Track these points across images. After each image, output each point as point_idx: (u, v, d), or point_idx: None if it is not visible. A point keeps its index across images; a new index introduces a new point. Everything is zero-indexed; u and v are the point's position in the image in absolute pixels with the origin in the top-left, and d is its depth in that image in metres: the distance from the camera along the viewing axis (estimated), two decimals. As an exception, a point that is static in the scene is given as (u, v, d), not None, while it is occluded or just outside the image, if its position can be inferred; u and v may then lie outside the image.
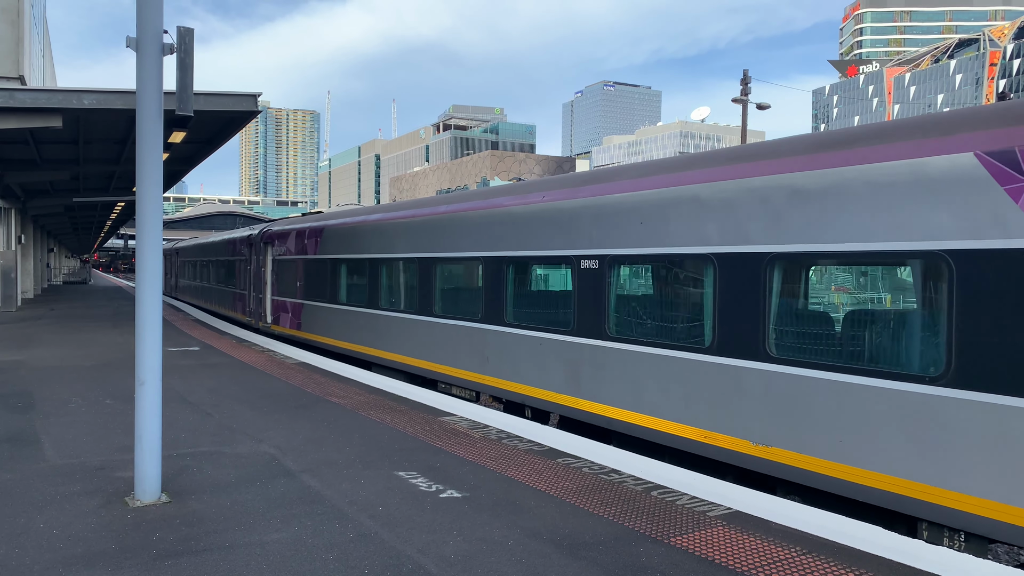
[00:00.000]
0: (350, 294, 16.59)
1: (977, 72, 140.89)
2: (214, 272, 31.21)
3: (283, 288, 20.68)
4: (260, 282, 22.82)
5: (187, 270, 40.35)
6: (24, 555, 5.21)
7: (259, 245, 22.95)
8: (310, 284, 18.58)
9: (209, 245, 33.07)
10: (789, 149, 7.56)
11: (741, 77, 35.50)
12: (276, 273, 21.26)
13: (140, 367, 6.36)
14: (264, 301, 22.39)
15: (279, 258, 20.99)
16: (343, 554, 5.28)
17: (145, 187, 6.30)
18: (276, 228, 21.86)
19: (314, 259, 18.38)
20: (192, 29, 6.43)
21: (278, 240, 21.19)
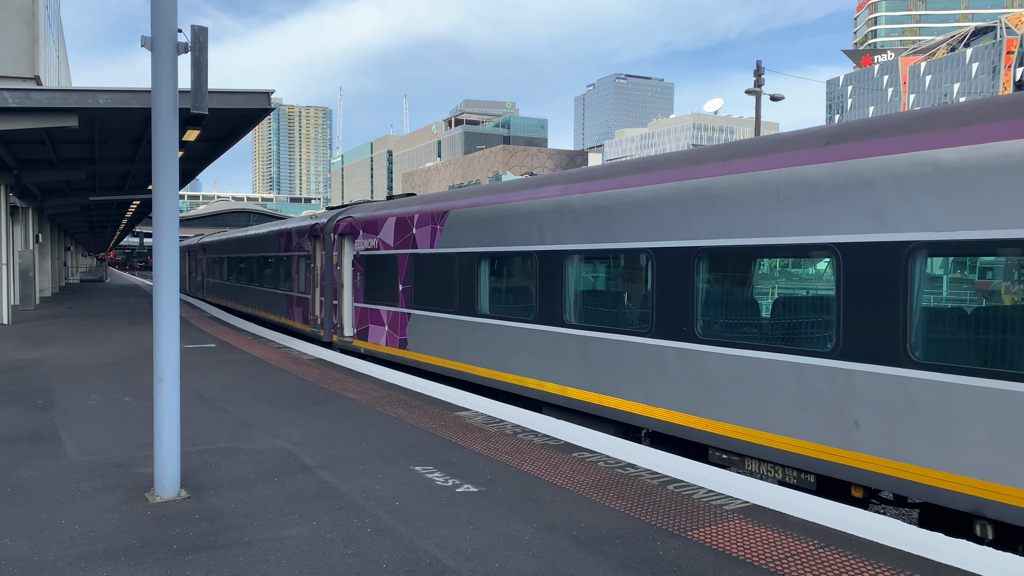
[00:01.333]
0: (508, 302, 11.52)
1: (994, 60, 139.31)
2: (256, 271, 26.31)
3: (374, 292, 15.86)
4: (332, 284, 18.15)
5: (217, 268, 34.87)
6: (47, 550, 5.27)
7: (329, 237, 18.26)
8: (426, 288, 13.75)
9: (249, 239, 27.95)
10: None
11: (754, 69, 35.28)
12: (363, 273, 16.45)
13: (158, 364, 6.41)
14: (341, 309, 17.66)
15: (367, 253, 16.25)
16: (361, 549, 5.32)
17: (161, 185, 6.35)
18: (359, 215, 17.00)
19: (433, 255, 13.47)
20: (206, 28, 6.46)
21: (365, 230, 16.46)
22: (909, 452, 6.39)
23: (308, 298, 20.26)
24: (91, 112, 16.79)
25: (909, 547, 5.30)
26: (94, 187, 33.74)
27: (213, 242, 36.26)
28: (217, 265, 34.81)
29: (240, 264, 29.31)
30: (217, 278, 34.88)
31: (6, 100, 15.42)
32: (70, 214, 46.07)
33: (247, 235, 28.68)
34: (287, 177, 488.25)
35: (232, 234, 32.34)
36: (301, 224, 21.33)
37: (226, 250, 32.50)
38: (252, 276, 27.19)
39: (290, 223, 23.04)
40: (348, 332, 17.66)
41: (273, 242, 24.20)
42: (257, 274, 26.40)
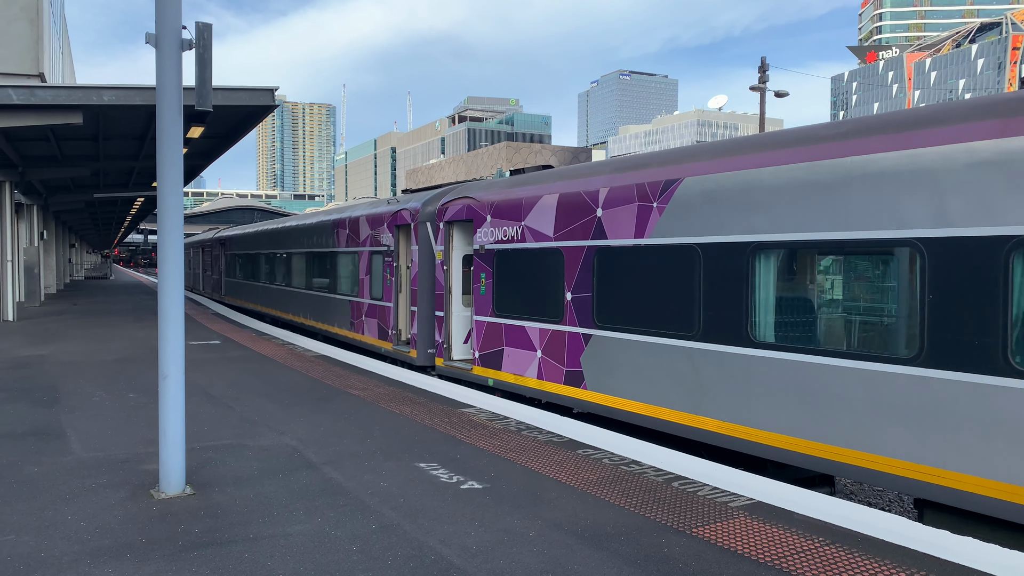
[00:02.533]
0: (832, 326, 7.47)
1: (999, 56, 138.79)
2: (300, 270, 22.10)
3: (515, 302, 11.52)
4: (432, 289, 14.36)
5: (242, 266, 30.47)
6: (53, 547, 5.28)
7: (424, 228, 14.44)
8: (625, 298, 9.42)
9: (289, 232, 23.50)
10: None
11: (758, 65, 35.21)
12: (492, 274, 12.03)
13: (163, 361, 6.42)
14: (447, 322, 13.49)
15: (502, 247, 11.76)
16: (366, 545, 5.32)
17: (165, 182, 6.35)
18: (484, 194, 12.46)
19: (644, 248, 9.17)
20: (210, 24, 6.45)
21: (497, 215, 11.96)
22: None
23: (387, 307, 15.79)
24: (95, 109, 16.81)
25: (915, 544, 5.28)
26: (98, 184, 33.81)
27: (236, 236, 31.65)
28: (242, 262, 30.45)
29: (276, 261, 24.98)
30: (242, 277, 30.61)
31: (11, 97, 15.44)
32: (75, 211, 46.16)
33: (286, 227, 24.13)
34: (291, 174, 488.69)
35: (264, 226, 27.36)
36: (375, 211, 16.92)
37: (255, 245, 28.11)
38: (293, 276, 22.93)
39: (354, 210, 18.49)
40: (461, 354, 13.55)
41: (327, 235, 19.86)
42: (301, 274, 22.06)
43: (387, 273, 15.94)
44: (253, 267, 28.53)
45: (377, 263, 16.61)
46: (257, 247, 27.89)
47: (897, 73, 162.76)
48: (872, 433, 6.77)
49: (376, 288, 16.63)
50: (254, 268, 28.29)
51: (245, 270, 29.96)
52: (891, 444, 6.63)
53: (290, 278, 23.31)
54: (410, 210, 14.98)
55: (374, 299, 16.71)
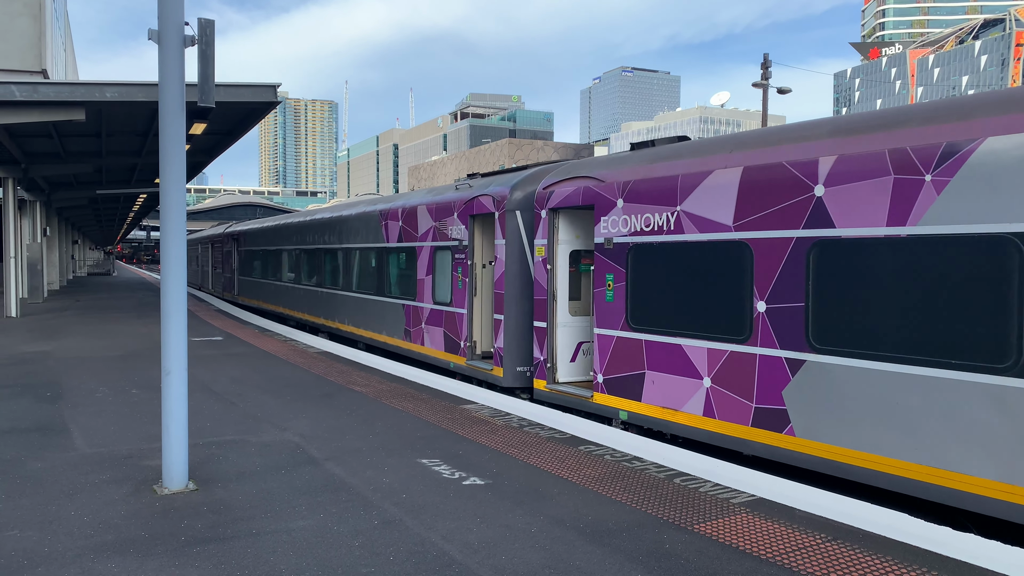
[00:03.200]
0: None
1: (1003, 53, 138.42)
2: (334, 269, 19.55)
3: (665, 312, 8.87)
4: (526, 293, 11.77)
5: (261, 263, 27.68)
6: (56, 542, 5.30)
7: (513, 217, 11.83)
8: (872, 313, 6.84)
9: (321, 225, 20.83)
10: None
11: (760, 62, 35.15)
12: (626, 276, 9.40)
13: (166, 357, 6.43)
14: (551, 336, 10.73)
15: (643, 240, 9.16)
16: (368, 541, 5.33)
17: (168, 178, 6.36)
18: (607, 173, 9.86)
19: (920, 239, 6.53)
20: (213, 21, 6.45)
21: (632, 199, 9.35)
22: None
23: (457, 314, 13.31)
24: (98, 105, 16.82)
25: (917, 541, 5.29)
26: (101, 180, 33.83)
27: (254, 231, 28.97)
28: (260, 259, 27.72)
29: (303, 259, 22.27)
30: (260, 276, 27.90)
31: (13, 94, 15.46)
32: (77, 207, 46.22)
33: (317, 220, 21.36)
34: (293, 171, 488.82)
35: (288, 220, 24.63)
36: (439, 199, 14.22)
37: (277, 240, 25.32)
38: (325, 276, 20.21)
39: (409, 198, 15.89)
40: (568, 376, 10.89)
41: (371, 228, 17.19)
42: (336, 273, 19.30)
43: (457, 273, 13.32)
44: (274, 265, 25.80)
45: (443, 261, 13.98)
46: (279, 243, 25.15)
47: (900, 70, 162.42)
48: None
49: (441, 290, 14.03)
50: (275, 266, 25.65)
51: (264, 268, 27.24)
52: None
53: (321, 278, 20.59)
54: (493, 196, 12.28)
55: (439, 304, 14.08)
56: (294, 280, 23.33)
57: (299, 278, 22.82)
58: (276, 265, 25.55)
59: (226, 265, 34.76)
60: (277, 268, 25.37)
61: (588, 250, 11.19)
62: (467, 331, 13.03)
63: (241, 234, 31.30)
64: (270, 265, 26.42)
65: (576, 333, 11.01)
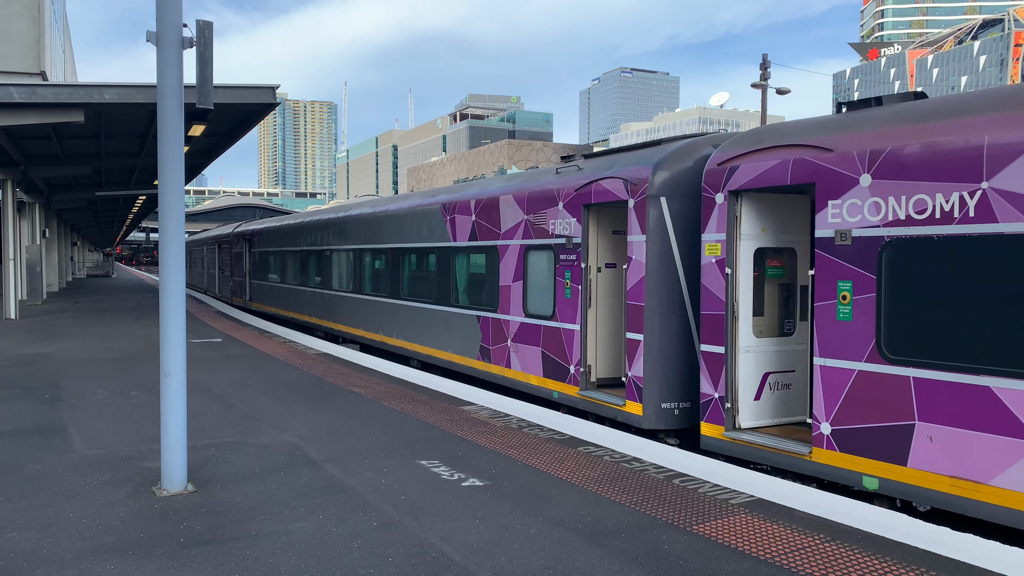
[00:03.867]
0: None
1: (1002, 53, 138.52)
2: (380, 273, 16.59)
3: (941, 337, 6.29)
4: (665, 304, 9.34)
5: (279, 267, 25.01)
6: (55, 544, 5.30)
7: (662, 204, 9.34)
8: None
9: (361, 222, 17.80)
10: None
11: (759, 62, 35.16)
12: (892, 286, 6.64)
13: (165, 359, 6.44)
14: (731, 366, 8.29)
15: (915, 233, 6.47)
16: (367, 542, 5.33)
17: (167, 180, 6.36)
18: (838, 139, 7.13)
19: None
20: (211, 22, 6.46)
21: (887, 175, 6.70)
22: None
23: (564, 330, 10.74)
24: (97, 107, 16.82)
25: (916, 541, 5.29)
26: (100, 182, 33.84)
27: (271, 230, 26.16)
28: (281, 261, 24.76)
29: (337, 261, 19.44)
30: (279, 280, 25.10)
31: (12, 95, 15.46)
32: (76, 209, 46.21)
33: (356, 216, 18.30)
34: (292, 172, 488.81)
35: (316, 217, 21.62)
36: (535, 185, 11.50)
37: (303, 239, 22.41)
38: (368, 280, 17.28)
39: (488, 187, 13.03)
40: (751, 417, 8.32)
41: (431, 224, 14.39)
42: (384, 278, 16.36)
43: (564, 279, 10.74)
44: (297, 268, 22.91)
45: (539, 263, 11.26)
46: (304, 243, 22.26)
47: (899, 70, 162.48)
48: None
49: (538, 300, 11.28)
50: (299, 269, 22.74)
51: (284, 271, 24.38)
52: None
53: (360, 283, 17.66)
54: (626, 179, 9.60)
55: (533, 316, 11.28)
56: (324, 285, 20.49)
57: (331, 283, 19.93)
58: (300, 268, 22.68)
59: (236, 268, 32.03)
60: (302, 271, 22.55)
61: (777, 248, 8.61)
62: (579, 352, 10.44)
63: (255, 233, 28.54)
64: (292, 268, 23.55)
65: (762, 361, 8.43)
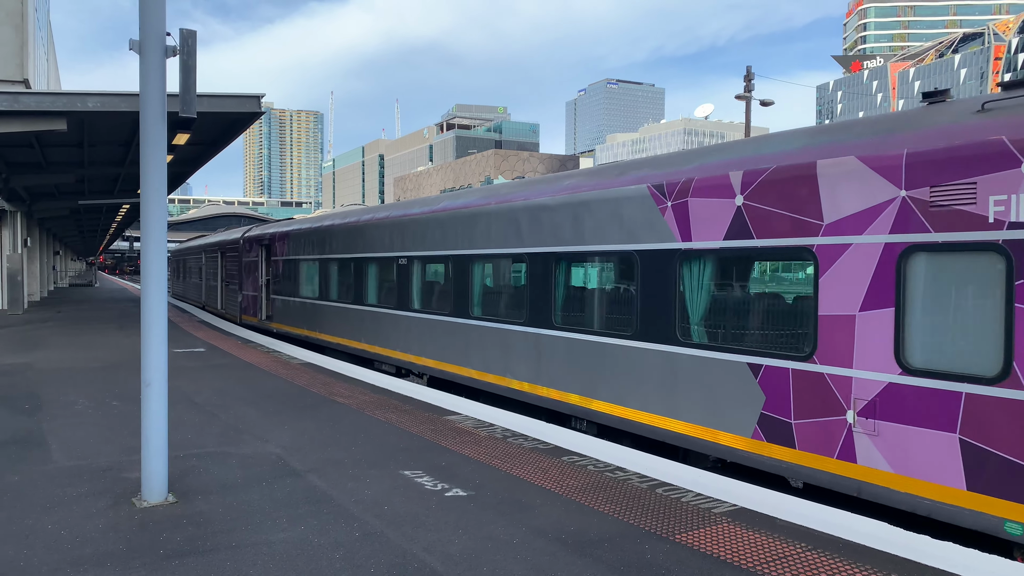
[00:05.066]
0: None
1: (982, 66, 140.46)
2: (515, 289, 11.88)
3: None
4: None
5: (313, 279, 19.86)
6: (32, 555, 5.24)
7: None
8: None
9: (471, 218, 12.86)
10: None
11: (743, 74, 35.45)
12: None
13: (146, 368, 6.39)
14: None
15: None
16: (349, 553, 5.30)
17: (149, 189, 6.33)
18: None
19: None
20: (195, 31, 6.45)
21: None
22: None
23: (1016, 402, 5.59)
24: (80, 115, 16.73)
25: (895, 549, 5.32)
26: (83, 191, 33.60)
27: (306, 232, 20.68)
28: (323, 272, 19.19)
29: (428, 273, 14.32)
30: (312, 295, 19.86)
31: (-6, 103, 15.34)
32: (59, 218, 45.83)
33: (464, 210, 13.08)
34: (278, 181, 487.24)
35: (390, 214, 16.02)
36: (941, 135, 6.17)
37: (363, 244, 16.88)
38: (480, 301, 12.58)
39: (763, 147, 7.83)
40: None
41: (634, 215, 9.27)
42: (518, 296, 11.60)
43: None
44: (354, 281, 17.35)
45: (949, 276, 6.12)
46: (364, 248, 16.79)
47: (881, 82, 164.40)
48: None
49: (947, 342, 6.16)
50: (356, 283, 17.24)
51: (326, 285, 19.00)
52: None
53: (472, 304, 12.61)
54: None
55: (931, 374, 6.17)
56: (402, 305, 15.04)
57: (413, 303, 14.60)
58: (357, 282, 17.23)
59: (247, 279, 26.11)
60: (359, 287, 17.10)
61: None
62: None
63: (277, 238, 23.02)
64: (342, 281, 18.08)
65: None
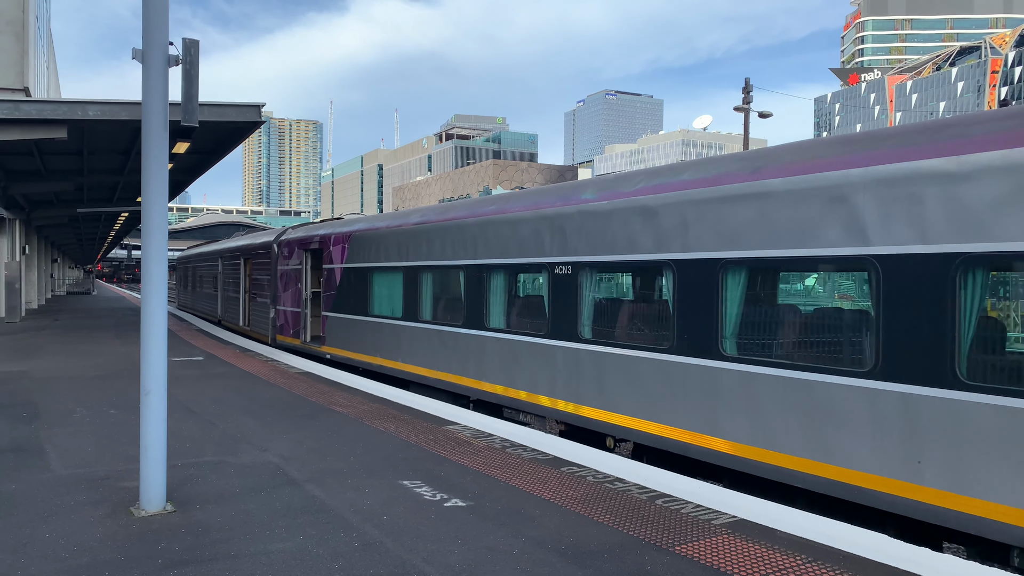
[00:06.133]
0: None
1: (979, 80, 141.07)
2: (724, 306, 7.75)
3: None
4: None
5: (412, 293, 14.23)
6: (30, 565, 5.21)
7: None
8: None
9: (712, 205, 7.84)
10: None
11: (741, 86, 35.58)
12: None
13: (145, 377, 6.38)
14: None
15: None
16: (348, 563, 5.28)
17: (150, 198, 6.34)
18: None
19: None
20: (197, 41, 6.48)
21: None
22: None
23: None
24: (80, 124, 16.75)
25: (896, 562, 5.31)
26: (82, 199, 33.61)
27: (383, 231, 15.42)
28: (414, 283, 14.17)
29: (605, 287, 10.17)
30: (414, 316, 14.19)
31: (-5, 111, 15.36)
32: (58, 226, 45.83)
33: (680, 198, 8.41)
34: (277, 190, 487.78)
35: (535, 204, 11.10)
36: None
37: (475, 246, 12.41)
38: (705, 326, 8.06)
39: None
40: None
41: (984, 200, 5.66)
42: (754, 321, 7.66)
43: None
44: (460, 296, 12.72)
45: None
46: (473, 252, 12.35)
47: (879, 95, 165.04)
48: None
49: None
50: (471, 299, 12.33)
51: (415, 301, 14.10)
52: None
53: (708, 331, 8.04)
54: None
55: None
56: (560, 331, 10.29)
57: (581, 329, 9.93)
58: (477, 298, 12.15)
59: (285, 291, 20.79)
60: (477, 303, 12.15)
61: None
62: None
63: (336, 239, 17.33)
64: (451, 298, 13.10)
65: None
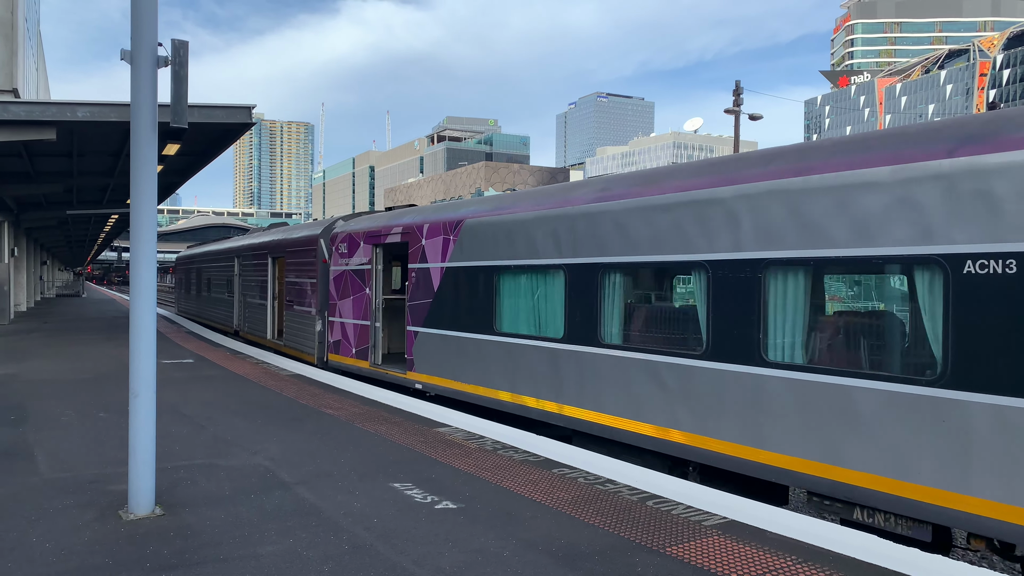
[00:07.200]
0: None
1: (967, 82, 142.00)
2: None
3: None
4: None
5: (614, 303, 9.12)
6: (17, 570, 5.17)
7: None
8: None
9: None
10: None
11: (732, 88, 35.70)
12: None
13: (134, 379, 6.34)
14: None
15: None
16: (338, 566, 5.26)
17: (139, 200, 6.31)
18: None
19: None
20: (186, 42, 6.45)
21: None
22: None
23: None
24: (69, 125, 16.66)
25: (887, 562, 5.32)
26: (72, 201, 33.42)
27: (533, 219, 10.46)
28: (606, 288, 9.23)
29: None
30: (590, 342, 9.40)
31: (-17, 112, 15.26)
32: (47, 228, 45.58)
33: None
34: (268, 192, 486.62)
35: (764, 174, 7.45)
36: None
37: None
38: None
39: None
40: None
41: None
42: None
43: None
44: (655, 309, 8.98)
45: None
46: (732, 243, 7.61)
47: (868, 98, 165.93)
48: None
49: None
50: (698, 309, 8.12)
51: (580, 314, 9.60)
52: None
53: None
54: None
55: None
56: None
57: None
58: (734, 310, 7.65)
59: (346, 298, 16.30)
60: (731, 320, 7.69)
61: None
62: None
63: (438, 228, 12.81)
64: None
65: None
